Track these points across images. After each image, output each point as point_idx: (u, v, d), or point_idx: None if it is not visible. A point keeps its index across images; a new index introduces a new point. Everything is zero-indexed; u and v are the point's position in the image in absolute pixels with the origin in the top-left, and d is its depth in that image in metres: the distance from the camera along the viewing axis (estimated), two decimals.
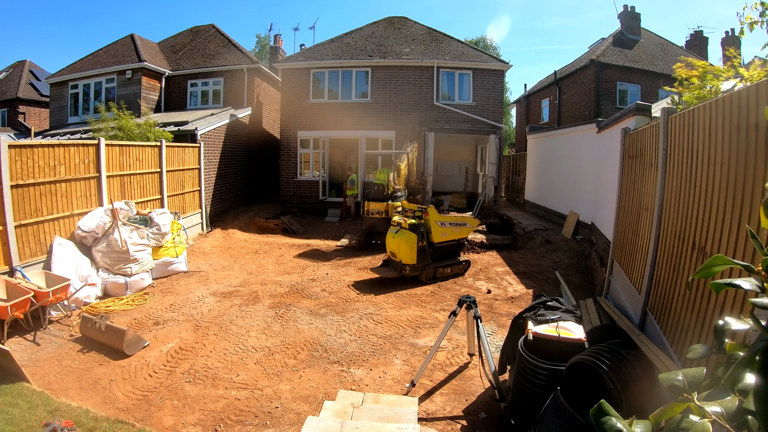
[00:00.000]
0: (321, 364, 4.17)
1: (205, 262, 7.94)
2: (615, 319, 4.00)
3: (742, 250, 2.06)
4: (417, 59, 13.01)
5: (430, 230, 6.97)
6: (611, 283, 5.17)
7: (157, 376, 3.88)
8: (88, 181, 6.50)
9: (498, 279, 7.11)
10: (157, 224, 6.75)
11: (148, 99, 14.19)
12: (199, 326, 4.97)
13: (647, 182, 3.90)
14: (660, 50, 16.87)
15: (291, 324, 5.10)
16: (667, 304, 3.04)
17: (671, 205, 3.16)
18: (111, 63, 14.41)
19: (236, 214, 12.34)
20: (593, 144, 8.34)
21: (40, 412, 3.22)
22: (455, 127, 13.00)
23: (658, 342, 3.03)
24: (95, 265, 5.94)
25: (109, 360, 4.13)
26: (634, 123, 5.46)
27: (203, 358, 4.23)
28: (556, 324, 3.21)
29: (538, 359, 2.97)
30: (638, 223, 4.14)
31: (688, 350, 0.91)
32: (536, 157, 12.96)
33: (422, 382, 3.86)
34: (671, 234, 3.10)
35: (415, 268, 6.79)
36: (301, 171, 13.71)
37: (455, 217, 7.43)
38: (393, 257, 7.00)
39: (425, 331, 4.98)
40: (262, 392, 3.68)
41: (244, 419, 3.34)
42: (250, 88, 14.48)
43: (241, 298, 5.97)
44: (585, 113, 15.30)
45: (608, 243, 5.90)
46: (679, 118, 3.11)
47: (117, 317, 5.13)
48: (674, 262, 2.98)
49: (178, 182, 9.32)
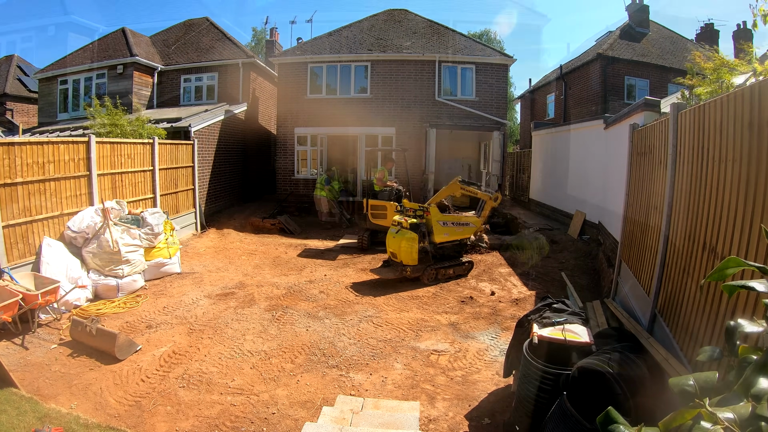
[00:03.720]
0: (319, 369, 4.17)
1: (200, 263, 7.94)
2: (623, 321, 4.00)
3: (755, 250, 2.06)
4: (418, 53, 13.00)
5: (431, 230, 6.97)
6: (619, 284, 5.17)
7: (149, 381, 3.88)
8: (78, 179, 6.50)
9: (502, 280, 7.11)
10: (150, 224, 6.75)
11: (140, 95, 14.19)
12: (193, 329, 4.97)
13: (656, 180, 3.89)
14: (669, 44, 16.85)
15: (288, 327, 5.10)
16: (677, 306, 3.04)
17: (681, 204, 3.16)
18: (101, 58, 14.40)
19: (231, 213, 12.34)
20: (600, 141, 8.34)
21: (28, 418, 3.22)
22: (458, 124, 12.99)
23: (668, 346, 3.03)
24: (86, 267, 5.94)
25: (100, 364, 4.13)
26: (643, 119, 5.46)
27: (197, 362, 4.23)
28: (562, 327, 3.20)
29: (544, 363, 2.97)
30: (647, 223, 4.14)
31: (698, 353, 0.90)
32: (541, 155, 12.95)
33: (424, 387, 3.86)
34: (681, 234, 3.10)
35: (416, 269, 6.78)
36: (298, 169, 13.71)
37: (458, 217, 7.42)
38: (393, 258, 6.99)
39: (427, 335, 4.98)
40: (258, 398, 3.68)
41: (240, 425, 3.34)
42: (245, 83, 14.47)
43: (236, 301, 5.97)
44: (592, 109, 15.29)
45: (616, 243, 5.90)
46: (689, 113, 3.11)
47: (108, 320, 5.13)
48: (684, 262, 2.98)
49: (171, 181, 9.32)
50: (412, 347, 4.66)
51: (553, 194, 11.45)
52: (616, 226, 5.91)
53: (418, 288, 6.63)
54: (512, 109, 29.79)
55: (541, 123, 14.50)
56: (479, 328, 5.20)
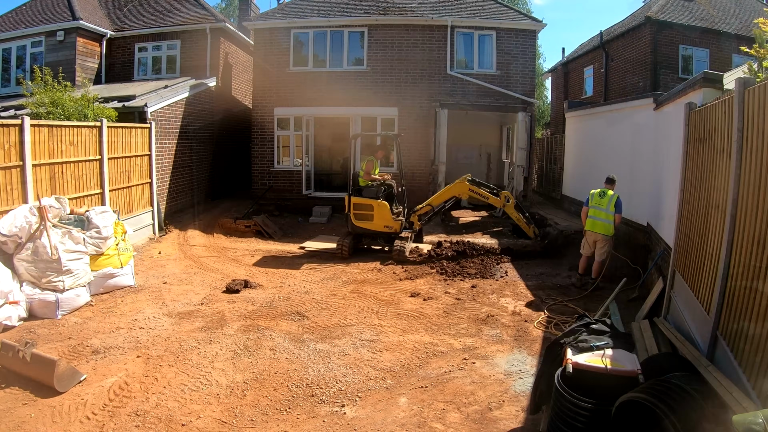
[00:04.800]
0: (305, 404, 4.17)
1: (158, 273, 7.94)
2: (677, 345, 4.00)
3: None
4: (426, 16, 13.02)
5: None
6: (672, 300, 5.17)
7: (96, 419, 3.87)
8: (8, 171, 6.50)
9: (528, 295, 7.12)
10: (97, 226, 6.75)
11: (86, 67, 14.21)
12: (150, 355, 4.97)
13: (718, 173, 3.89)
14: (734, 4, 16.87)
15: (266, 353, 5.10)
16: (743, 326, 3.03)
17: (749, 201, 3.16)
18: (38, 22, 14.41)
19: (197, 212, 12.36)
20: (650, 124, 8.35)
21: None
22: (474, 103, 13.01)
23: (732, 375, 3.03)
24: (18, 278, 5.94)
25: (35, 398, 4.12)
26: (702, 97, 5.46)
27: (155, 395, 4.23)
28: (603, 352, 3.20)
29: (580, 396, 2.97)
30: (707, 225, 4.14)
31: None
32: (577, 141, 12.96)
33: (433, 426, 3.86)
34: (748, 238, 3.10)
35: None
36: (279, 159, 13.73)
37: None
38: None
39: (436, 361, 4.98)
40: None
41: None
42: (214, 53, 14.48)
43: (203, 320, 5.97)
44: (639, 85, 15.31)
45: (669, 249, 5.90)
46: (759, 90, 3.11)
47: (46, 344, 5.14)
48: (753, 273, 2.97)
49: (123, 173, 9.32)
50: (419, 377, 4.66)
51: (591, 189, 11.44)
52: (669, 228, 5.91)
53: (425, 305, 6.64)
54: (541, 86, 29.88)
55: (576, 102, 14.53)
56: (500, 353, 5.20)
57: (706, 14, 15.85)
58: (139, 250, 9.06)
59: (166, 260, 8.85)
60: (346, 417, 3.99)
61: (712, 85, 5.54)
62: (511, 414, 4.06)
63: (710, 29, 15.23)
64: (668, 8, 15.59)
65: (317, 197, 13.40)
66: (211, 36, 14.34)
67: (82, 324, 5.77)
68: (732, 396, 2.73)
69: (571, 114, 13.39)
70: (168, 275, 7.88)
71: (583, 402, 2.95)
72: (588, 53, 19.31)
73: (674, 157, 5.79)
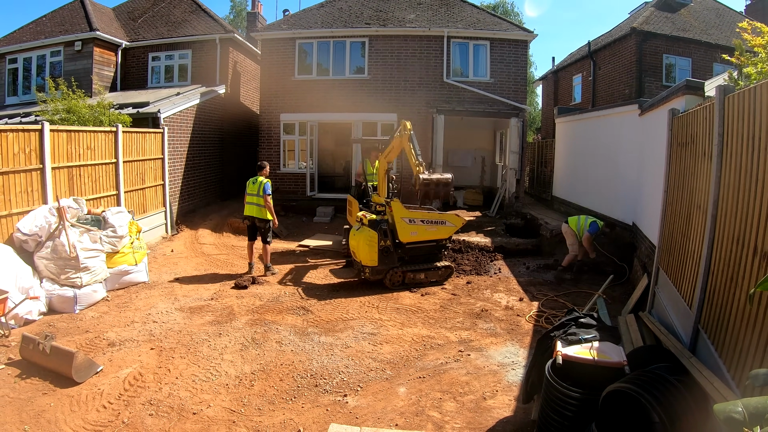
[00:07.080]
0: (309, 394, 4.17)
1: (170, 270, 7.95)
2: (661, 338, 4.01)
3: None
4: (424, 27, 13.00)
5: (394, 228, 6.99)
6: (656, 295, 5.17)
7: (112, 408, 3.88)
8: (29, 173, 6.50)
9: (520, 290, 7.12)
10: (113, 225, 6.75)
11: (102, 75, 14.20)
12: (163, 348, 4.97)
13: (700, 175, 3.89)
14: (714, 16, 16.86)
15: (273, 345, 5.11)
16: (723, 320, 3.04)
17: (729, 202, 3.16)
18: (57, 33, 14.40)
19: (207, 213, 12.36)
20: (635, 129, 8.35)
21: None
22: (469, 109, 13.00)
23: (713, 366, 3.03)
24: (38, 275, 5.95)
25: (54, 388, 4.13)
26: (684, 103, 5.46)
27: (168, 386, 4.23)
28: (591, 344, 3.20)
29: (569, 386, 2.97)
30: (689, 224, 4.14)
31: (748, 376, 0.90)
32: (566, 145, 12.95)
33: (430, 415, 3.86)
34: (729, 237, 3.10)
35: (377, 270, 6.88)
36: (284, 162, 13.73)
37: (430, 214, 7.38)
38: (354, 257, 7.10)
39: (433, 354, 4.98)
40: (238, 428, 3.68)
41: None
42: (223, 62, 14.49)
43: (213, 314, 5.97)
44: (625, 92, 15.30)
45: (653, 248, 5.90)
46: (738, 97, 3.11)
47: (65, 337, 5.14)
48: (732, 270, 2.98)
49: (137, 175, 9.32)
50: (417, 368, 4.66)
51: (580, 191, 11.45)
52: (653, 227, 5.91)
53: (423, 301, 6.64)
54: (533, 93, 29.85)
55: (565, 108, 14.50)
56: (494, 346, 5.20)
57: (689, 25, 15.85)
58: (153, 248, 9.07)
59: (177, 258, 8.85)
60: (348, 406, 4.00)
61: (694, 93, 5.55)
62: (504, 403, 4.06)
63: (692, 39, 15.24)
64: (653, 20, 15.60)
65: (321, 198, 13.40)
66: (220, 46, 14.35)
67: (98, 318, 5.77)
68: (713, 386, 2.73)
69: (560, 119, 13.38)
70: (180, 272, 7.89)
71: (572, 392, 2.95)
72: (577, 62, 19.30)
73: (658, 161, 5.79)
